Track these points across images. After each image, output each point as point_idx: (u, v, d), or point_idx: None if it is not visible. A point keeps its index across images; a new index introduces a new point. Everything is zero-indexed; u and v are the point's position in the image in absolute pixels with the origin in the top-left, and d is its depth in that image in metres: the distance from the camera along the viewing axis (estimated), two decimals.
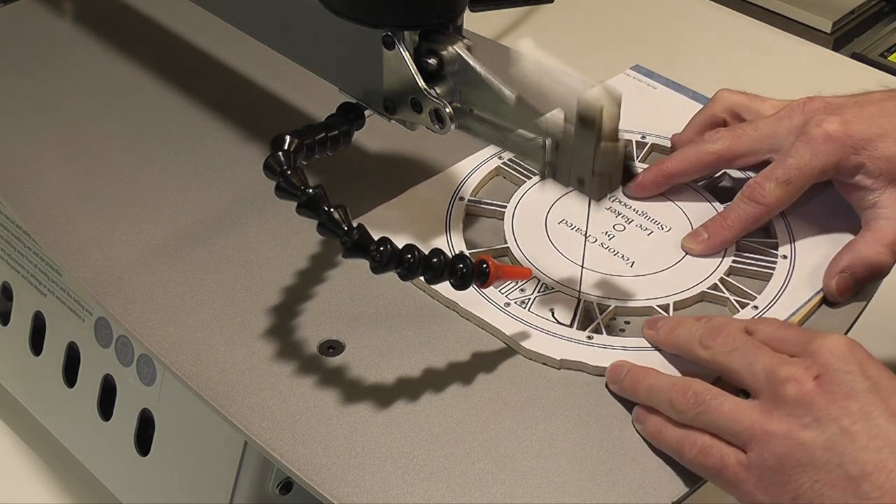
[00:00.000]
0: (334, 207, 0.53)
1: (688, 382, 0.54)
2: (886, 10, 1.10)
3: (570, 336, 0.60)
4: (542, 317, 0.61)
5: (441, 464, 0.54)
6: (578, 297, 0.62)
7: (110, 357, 0.71)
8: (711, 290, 0.62)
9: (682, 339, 0.57)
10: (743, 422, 0.51)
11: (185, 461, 0.68)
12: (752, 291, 0.62)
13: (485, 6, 0.84)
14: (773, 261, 0.64)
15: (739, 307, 0.61)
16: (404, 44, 0.58)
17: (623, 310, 0.62)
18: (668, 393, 0.54)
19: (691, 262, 0.64)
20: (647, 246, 0.65)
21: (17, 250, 0.76)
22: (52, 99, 0.77)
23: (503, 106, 0.57)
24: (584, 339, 0.60)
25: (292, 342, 0.59)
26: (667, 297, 0.62)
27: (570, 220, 0.67)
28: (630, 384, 0.56)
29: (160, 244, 0.65)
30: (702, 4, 1.08)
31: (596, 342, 0.59)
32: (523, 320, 0.60)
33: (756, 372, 0.52)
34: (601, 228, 0.66)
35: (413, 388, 0.57)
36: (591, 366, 0.58)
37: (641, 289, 0.62)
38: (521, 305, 0.61)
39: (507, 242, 0.65)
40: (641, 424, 0.55)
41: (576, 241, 0.65)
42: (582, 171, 0.56)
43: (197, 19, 0.76)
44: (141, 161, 0.72)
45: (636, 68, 0.80)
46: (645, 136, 0.73)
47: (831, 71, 0.99)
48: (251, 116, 0.75)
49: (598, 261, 0.64)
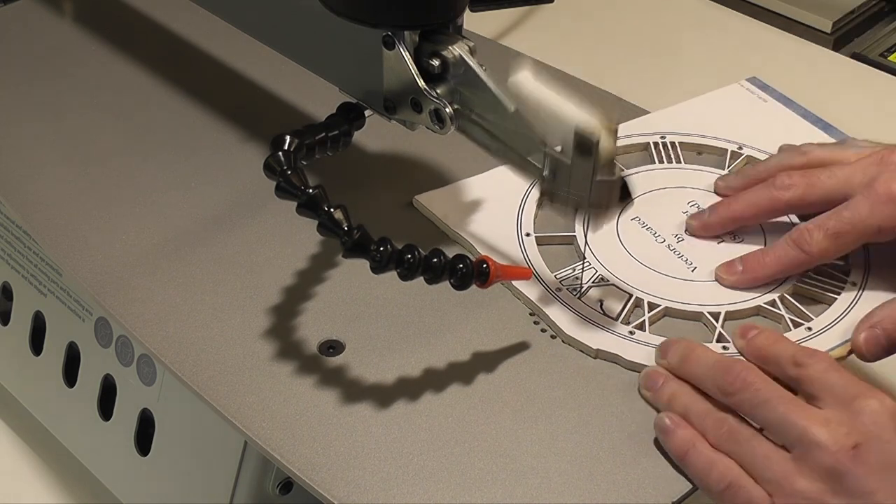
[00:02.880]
0: (334, 207, 0.53)
1: (723, 415, 0.53)
2: (886, 10, 1.09)
3: (613, 328, 0.60)
4: (590, 306, 0.61)
5: (441, 464, 0.54)
6: (630, 293, 0.62)
7: (110, 357, 0.71)
8: (768, 306, 0.61)
9: (695, 375, 0.55)
10: (774, 471, 0.50)
11: (185, 461, 0.68)
12: (810, 313, 0.61)
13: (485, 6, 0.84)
14: (841, 286, 0.62)
15: (793, 326, 0.60)
16: (404, 44, 0.58)
17: (673, 311, 0.61)
18: (702, 421, 0.53)
19: None
20: (715, 253, 0.64)
21: (17, 250, 0.76)
22: (53, 99, 0.77)
23: (501, 114, 0.57)
24: (626, 333, 0.60)
25: (292, 342, 0.59)
26: (720, 306, 0.61)
27: (643, 219, 0.67)
28: (665, 399, 0.55)
29: (160, 244, 0.65)
30: (702, 4, 1.08)
31: (637, 338, 0.60)
32: (570, 306, 0.61)
33: (786, 428, 0.50)
34: (671, 231, 0.66)
35: (413, 388, 0.57)
36: (626, 360, 0.58)
37: (696, 294, 0.62)
38: (573, 292, 0.62)
39: (575, 231, 0.65)
40: (666, 436, 0.54)
41: (644, 239, 0.65)
42: (578, 200, 0.56)
43: (197, 19, 0.76)
44: (141, 161, 0.72)
45: (752, 80, 0.79)
46: (742, 147, 0.72)
47: (831, 71, 0.99)
48: (251, 116, 0.75)
49: (659, 260, 0.64)
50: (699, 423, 0.53)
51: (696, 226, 0.66)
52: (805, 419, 0.50)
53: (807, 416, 0.50)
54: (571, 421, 0.56)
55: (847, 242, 0.60)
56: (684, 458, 0.53)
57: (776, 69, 0.93)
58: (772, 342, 0.56)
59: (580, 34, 1.03)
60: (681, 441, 0.53)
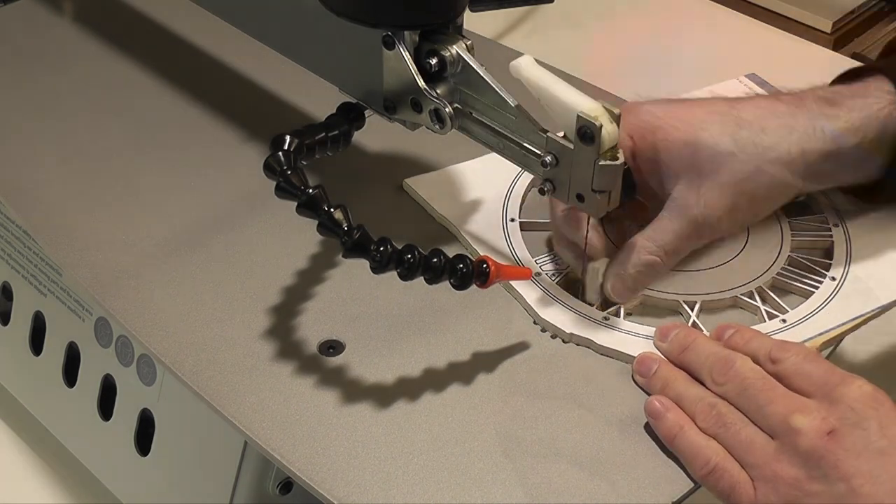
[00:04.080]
0: (334, 207, 0.53)
1: (715, 399, 0.54)
2: (886, 10, 1.09)
3: (588, 314, 0.60)
4: (567, 291, 0.62)
5: (441, 464, 0.54)
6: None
7: (110, 357, 0.71)
8: (745, 297, 0.62)
9: (693, 364, 0.56)
10: (756, 456, 0.51)
11: (185, 461, 0.68)
12: (786, 305, 0.61)
13: (485, 6, 0.84)
14: (820, 280, 0.63)
15: (767, 318, 0.61)
16: (404, 44, 0.58)
17: (650, 299, 0.62)
18: (694, 406, 0.54)
19: (734, 266, 0.63)
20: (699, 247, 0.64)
21: (17, 250, 0.76)
22: (53, 99, 0.77)
23: (503, 110, 0.57)
24: (601, 319, 0.60)
25: (292, 342, 0.59)
26: (696, 296, 0.62)
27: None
28: (659, 385, 0.56)
29: (160, 244, 0.65)
30: (702, 4, 1.08)
31: (611, 324, 0.60)
32: (549, 291, 0.61)
33: (768, 415, 0.51)
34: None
35: (413, 388, 0.57)
36: (598, 344, 0.59)
37: (674, 283, 0.62)
38: (552, 277, 0.62)
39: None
40: (656, 420, 0.54)
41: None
42: (581, 188, 0.56)
43: (197, 19, 0.76)
44: (141, 161, 0.72)
45: (751, 76, 0.80)
46: None
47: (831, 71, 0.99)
48: (251, 116, 0.75)
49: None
50: (690, 407, 0.54)
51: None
52: (785, 407, 0.51)
53: (787, 405, 0.51)
54: (571, 421, 0.56)
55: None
56: (672, 441, 0.53)
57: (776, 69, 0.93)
58: (747, 340, 0.56)
59: (580, 34, 1.03)
60: (671, 424, 0.54)
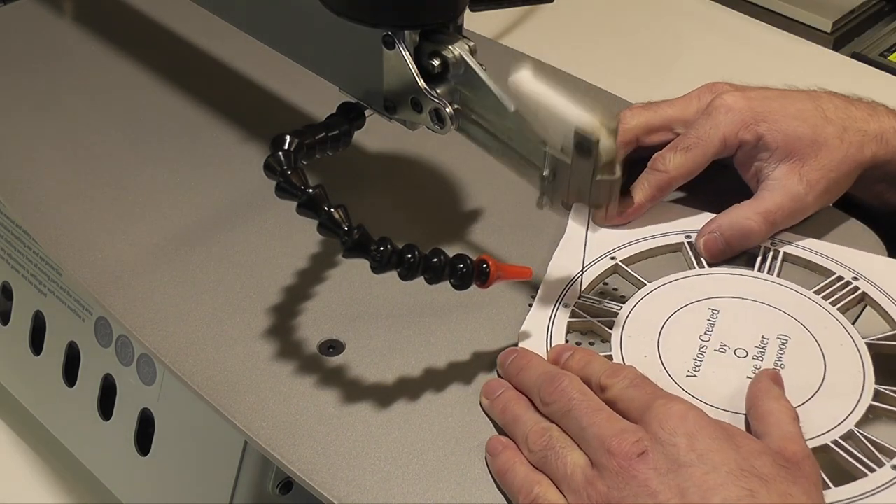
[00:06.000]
0: (334, 207, 0.53)
1: (547, 425, 0.53)
2: (886, 10, 1.09)
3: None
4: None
5: (441, 464, 0.54)
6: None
7: (110, 357, 0.71)
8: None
9: (525, 384, 0.56)
10: (574, 481, 0.51)
11: (185, 461, 0.68)
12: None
13: (485, 6, 0.84)
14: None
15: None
16: (404, 43, 0.58)
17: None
18: (527, 428, 0.53)
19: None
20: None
21: (17, 250, 0.76)
22: (52, 99, 0.77)
23: (502, 115, 0.57)
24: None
25: (292, 342, 0.59)
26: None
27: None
28: (500, 407, 0.55)
29: (160, 244, 0.65)
30: (702, 4, 1.08)
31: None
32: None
33: (588, 438, 0.51)
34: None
35: (413, 388, 0.57)
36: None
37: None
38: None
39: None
40: (492, 457, 0.54)
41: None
42: (578, 201, 0.56)
43: (197, 19, 0.76)
44: (141, 161, 0.72)
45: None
46: None
47: (831, 71, 0.99)
48: (251, 116, 0.75)
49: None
50: (524, 429, 0.53)
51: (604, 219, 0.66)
52: (604, 430, 0.51)
53: (607, 427, 0.51)
54: None
55: (696, 155, 0.65)
56: (503, 476, 0.53)
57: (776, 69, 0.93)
58: (583, 366, 0.56)
59: (580, 34, 1.03)
60: (502, 462, 0.53)
